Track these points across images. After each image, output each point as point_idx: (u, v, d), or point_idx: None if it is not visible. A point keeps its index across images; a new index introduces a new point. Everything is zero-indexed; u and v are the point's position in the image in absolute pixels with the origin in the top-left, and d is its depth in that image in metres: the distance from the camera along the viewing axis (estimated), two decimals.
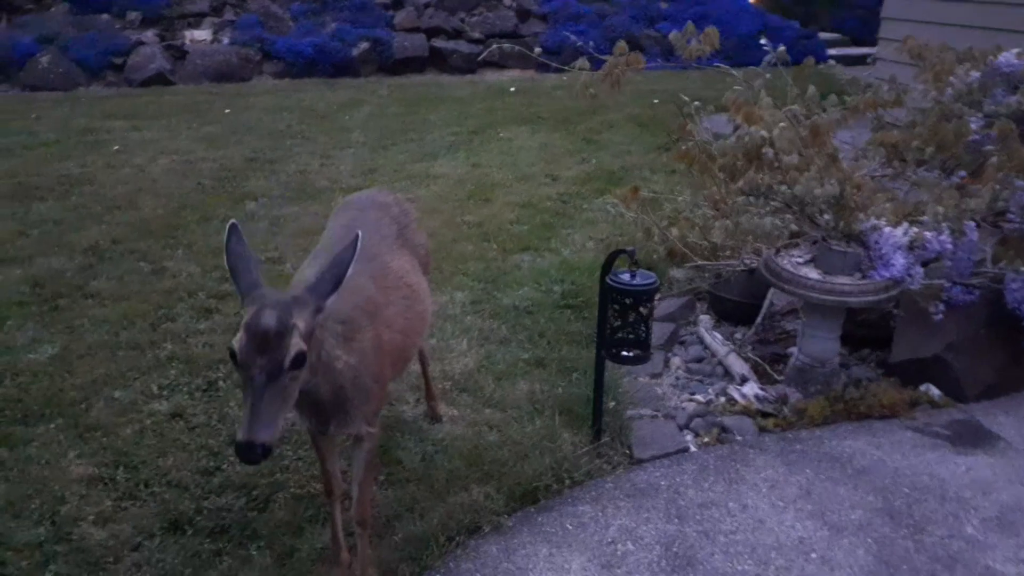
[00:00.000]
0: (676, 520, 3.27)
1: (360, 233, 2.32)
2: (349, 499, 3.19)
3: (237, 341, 2.07)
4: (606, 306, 3.51)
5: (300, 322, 2.11)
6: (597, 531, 3.21)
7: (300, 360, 2.09)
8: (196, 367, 4.39)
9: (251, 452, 1.98)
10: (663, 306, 5.01)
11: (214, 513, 3.26)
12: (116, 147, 9.07)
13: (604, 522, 3.26)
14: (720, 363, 4.48)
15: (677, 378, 4.41)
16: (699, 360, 4.58)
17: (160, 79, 12.56)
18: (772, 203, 3.87)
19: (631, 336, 3.41)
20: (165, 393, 4.15)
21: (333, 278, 2.24)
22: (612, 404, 3.94)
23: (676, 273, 5.40)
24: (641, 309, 3.36)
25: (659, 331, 4.51)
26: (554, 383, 4.22)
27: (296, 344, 2.08)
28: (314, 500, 3.34)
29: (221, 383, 4.24)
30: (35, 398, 4.04)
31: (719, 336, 4.71)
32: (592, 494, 3.44)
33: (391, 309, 2.79)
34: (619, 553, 3.09)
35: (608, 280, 3.38)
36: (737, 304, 4.92)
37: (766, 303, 4.80)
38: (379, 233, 3.07)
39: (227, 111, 10.89)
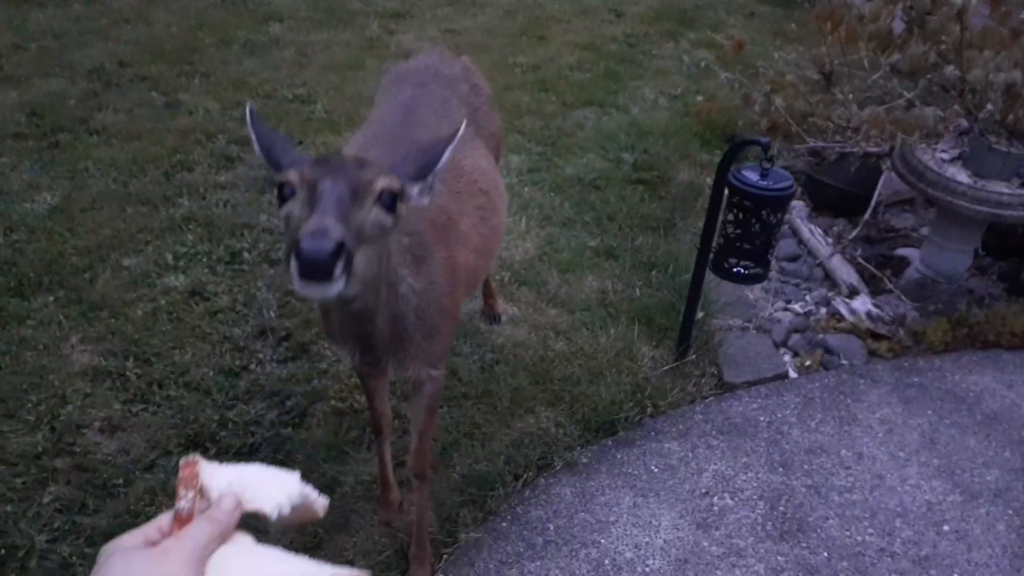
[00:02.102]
0: (781, 469, 2.78)
1: (465, 123, 1.70)
2: (402, 432, 2.73)
3: (293, 170, 1.46)
4: (718, 207, 2.87)
5: (385, 178, 1.51)
6: (689, 477, 2.74)
7: (391, 201, 1.48)
8: (216, 232, 3.81)
9: (321, 235, 1.28)
10: None
11: (240, 428, 2.79)
12: None
13: (696, 466, 2.78)
14: (820, 265, 3.87)
15: (769, 279, 3.81)
16: (794, 259, 3.96)
17: None
18: (929, 84, 3.11)
19: (748, 248, 2.78)
20: (181, 264, 3.59)
21: (421, 162, 1.63)
22: (700, 315, 3.36)
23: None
24: (768, 217, 2.71)
25: None
26: (629, 281, 3.63)
27: (386, 177, 1.49)
28: (359, 417, 2.86)
29: (246, 255, 3.67)
30: (32, 262, 3.50)
31: (818, 231, 4.06)
32: (679, 427, 2.94)
33: (465, 222, 2.16)
34: (716, 509, 2.63)
35: (731, 178, 2.71)
36: (841, 193, 4.23)
37: (876, 195, 4.11)
38: (448, 117, 2.38)
39: None
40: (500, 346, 3.23)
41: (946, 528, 2.59)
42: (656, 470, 2.76)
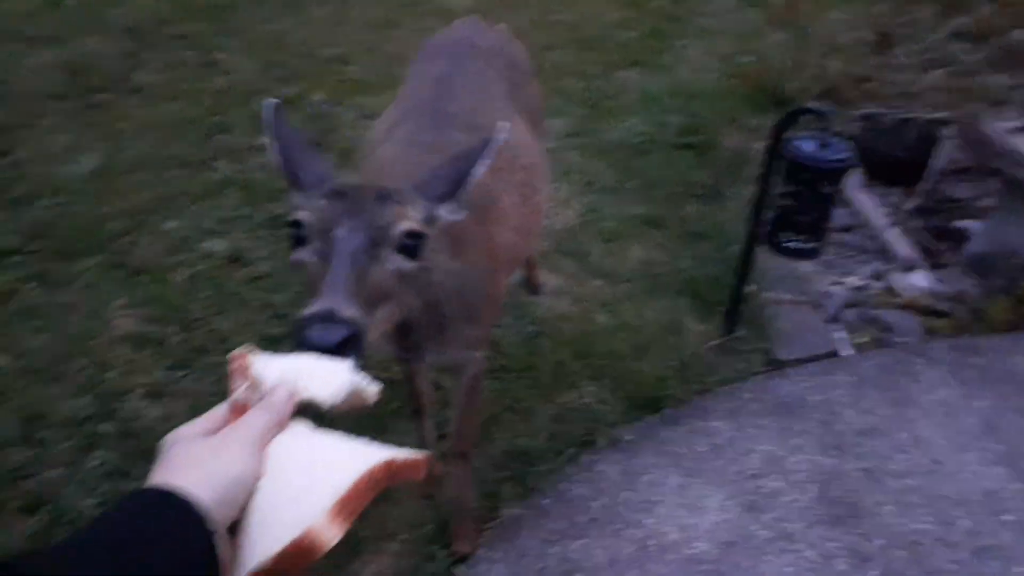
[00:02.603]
0: (833, 451, 2.69)
1: (506, 126, 1.57)
2: (444, 404, 2.68)
3: (307, 209, 1.37)
4: (770, 176, 2.75)
5: (411, 209, 1.43)
6: (737, 458, 2.66)
7: (413, 245, 1.38)
8: (255, 196, 3.77)
9: (328, 321, 1.18)
10: None
11: None
12: None
13: (744, 446, 2.70)
14: (875, 237, 3.72)
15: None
16: (848, 229, 3.81)
17: None
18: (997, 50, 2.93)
19: (802, 222, 2.66)
20: (222, 228, 3.56)
21: (452, 177, 1.52)
22: (750, 288, 3.25)
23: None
24: (825, 190, 2.58)
25: None
26: (675, 252, 3.52)
27: (409, 217, 1.39)
28: (399, 388, 2.80)
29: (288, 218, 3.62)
30: (74, 226, 3.49)
31: (874, 201, 3.90)
32: (727, 406, 2.86)
33: (505, 200, 2.06)
34: (765, 491, 2.55)
35: (786, 148, 2.58)
36: (896, 161, 4.05)
37: (935, 164, 3.94)
38: (485, 92, 2.28)
39: None
40: (542, 318, 3.16)
41: (1008, 518, 2.49)
42: (703, 450, 2.69)
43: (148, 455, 2.47)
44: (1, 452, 2.47)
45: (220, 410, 0.87)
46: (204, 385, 2.78)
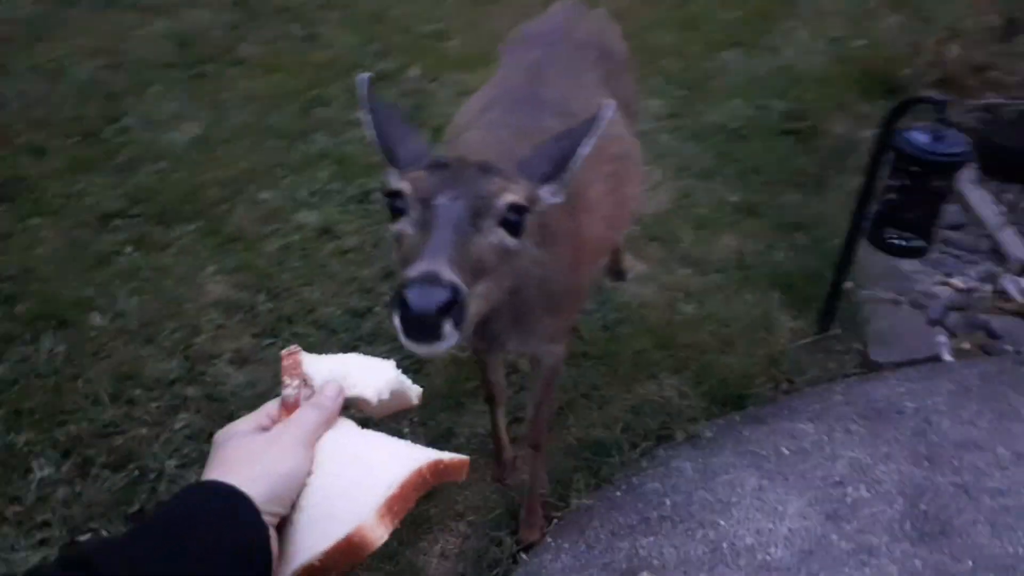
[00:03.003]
0: (926, 463, 2.55)
1: (609, 104, 1.49)
2: (519, 388, 2.67)
3: (408, 178, 1.34)
4: (878, 168, 2.60)
5: (512, 182, 1.37)
6: (821, 463, 2.55)
7: (517, 221, 1.32)
8: (349, 170, 3.82)
9: (431, 283, 1.13)
10: None
11: None
12: None
13: (831, 451, 2.59)
14: (988, 236, 3.49)
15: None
16: (957, 227, 3.58)
17: None
18: None
19: (910, 218, 2.51)
20: (314, 200, 3.62)
21: (556, 157, 1.45)
22: (848, 285, 3.10)
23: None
24: (937, 184, 2.42)
25: None
26: (770, 243, 3.39)
27: (512, 190, 1.33)
28: (476, 367, 2.80)
29: (377, 195, 3.66)
30: (174, 191, 3.62)
31: (988, 198, 3.65)
32: (815, 407, 2.74)
33: (595, 190, 2.00)
34: (849, 500, 2.43)
35: (897, 139, 2.43)
36: (1015, 155, 3.77)
37: None
38: (578, 80, 2.21)
39: None
40: (624, 305, 3.09)
41: None
42: (786, 452, 2.58)
43: (230, 419, 2.54)
44: (94, 408, 2.59)
45: (271, 406, 0.89)
46: None
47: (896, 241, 2.56)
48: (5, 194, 3.60)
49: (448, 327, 1.14)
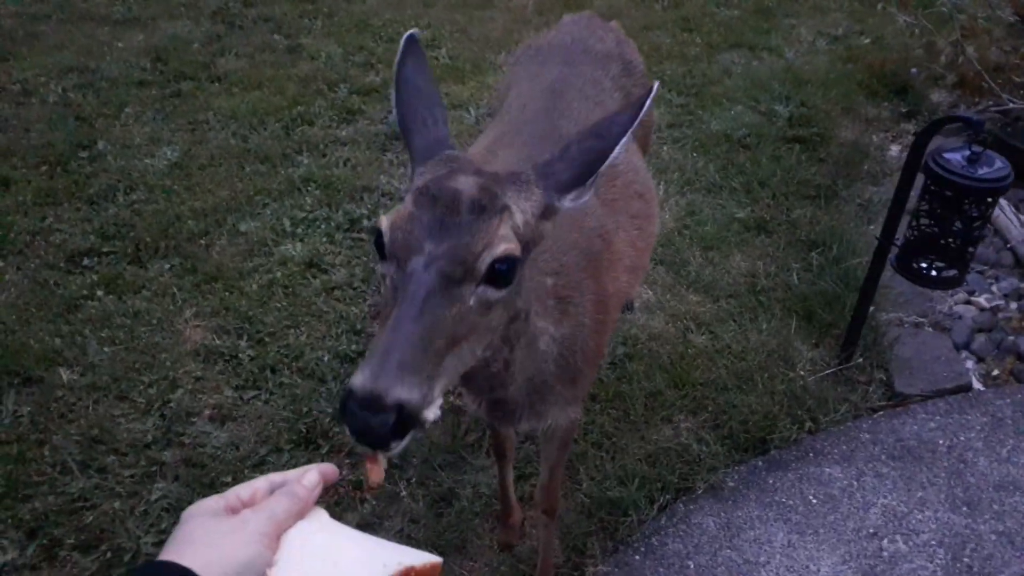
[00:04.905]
0: (965, 508, 2.37)
1: (655, 85, 1.26)
2: (525, 439, 2.48)
3: (392, 214, 1.14)
4: (907, 190, 2.42)
5: (517, 209, 1.16)
6: (853, 512, 2.37)
7: (506, 270, 1.11)
8: (335, 196, 3.60)
9: (372, 409, 0.94)
10: None
11: None
12: None
13: (862, 498, 2.41)
14: (1011, 249, 3.31)
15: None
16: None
17: None
18: None
19: (943, 245, 2.32)
20: (299, 231, 3.41)
21: (582, 161, 1.21)
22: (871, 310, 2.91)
23: (935, 98, 4.03)
24: (972, 211, 2.24)
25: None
26: (784, 263, 3.20)
27: (505, 237, 1.11)
28: (479, 421, 2.61)
29: (365, 222, 3.45)
30: (149, 225, 3.39)
31: (1009, 208, 3.47)
32: (842, 448, 2.56)
33: (620, 239, 1.79)
34: (886, 555, 2.26)
35: (930, 161, 2.24)
36: None
37: None
38: (599, 105, 2.00)
39: None
40: (633, 337, 2.90)
41: None
42: (815, 501, 2.40)
43: (210, 488, 2.28)
44: (62, 478, 2.38)
45: (244, 489, 0.87)
46: (273, 408, 2.64)
47: (928, 271, 2.38)
48: None
49: (395, 442, 0.98)
